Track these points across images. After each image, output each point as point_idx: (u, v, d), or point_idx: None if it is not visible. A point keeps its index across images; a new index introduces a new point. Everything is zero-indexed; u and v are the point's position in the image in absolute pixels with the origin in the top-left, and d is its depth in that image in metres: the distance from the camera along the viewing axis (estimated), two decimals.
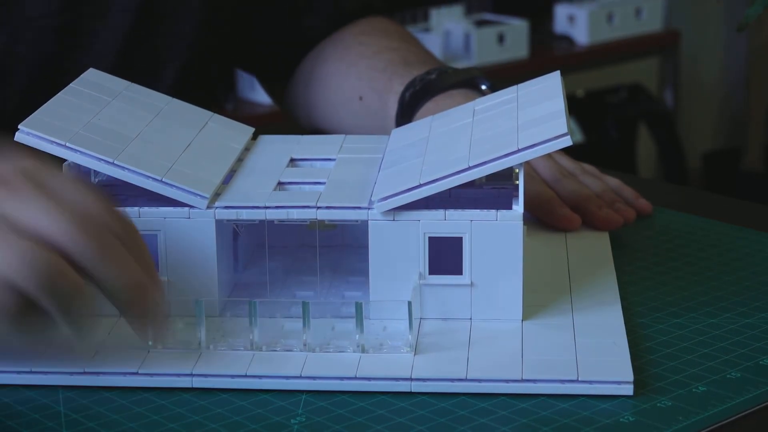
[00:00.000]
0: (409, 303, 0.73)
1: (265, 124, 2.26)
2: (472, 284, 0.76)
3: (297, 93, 1.19)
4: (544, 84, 0.84)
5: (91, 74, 0.86)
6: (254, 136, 0.89)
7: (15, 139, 0.77)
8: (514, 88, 0.85)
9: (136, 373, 0.71)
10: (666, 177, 2.91)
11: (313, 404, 0.70)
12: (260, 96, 2.40)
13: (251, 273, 0.84)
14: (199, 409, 0.69)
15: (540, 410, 0.69)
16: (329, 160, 0.85)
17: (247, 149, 0.87)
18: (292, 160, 0.85)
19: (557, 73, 0.85)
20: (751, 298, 0.83)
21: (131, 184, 0.77)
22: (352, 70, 1.12)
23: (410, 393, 0.70)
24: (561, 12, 2.84)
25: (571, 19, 2.82)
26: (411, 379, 0.71)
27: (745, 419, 0.68)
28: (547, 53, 2.75)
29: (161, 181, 0.76)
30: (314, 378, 0.71)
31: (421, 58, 1.11)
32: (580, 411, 0.68)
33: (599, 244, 0.89)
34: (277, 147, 0.88)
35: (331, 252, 0.85)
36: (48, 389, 0.72)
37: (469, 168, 0.75)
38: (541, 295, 0.79)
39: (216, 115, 0.88)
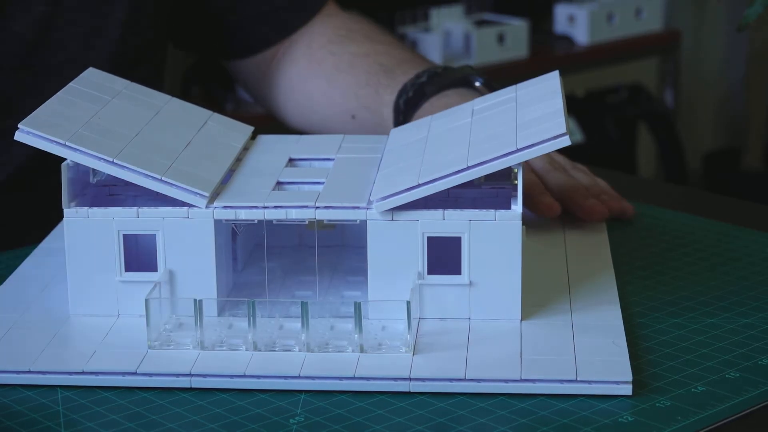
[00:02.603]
0: (408, 303, 0.73)
1: (265, 123, 2.26)
2: (470, 284, 0.76)
3: (288, 109, 1.19)
4: (543, 84, 0.84)
5: (91, 73, 0.86)
6: (253, 136, 0.89)
7: (15, 137, 0.76)
8: (513, 87, 0.86)
9: (135, 373, 0.71)
10: (666, 177, 2.91)
11: (312, 404, 0.70)
12: None
13: (250, 273, 0.84)
14: (198, 409, 0.69)
15: (539, 410, 0.69)
16: (328, 159, 0.85)
17: (246, 149, 0.87)
18: (290, 159, 0.85)
19: (556, 72, 0.85)
20: (750, 298, 0.83)
21: (130, 183, 0.77)
22: (335, 87, 1.13)
23: (409, 393, 0.70)
24: (561, 12, 2.84)
25: (571, 19, 2.82)
26: (410, 379, 0.71)
27: (744, 419, 0.68)
28: (547, 53, 2.75)
29: (160, 179, 0.76)
30: (313, 378, 0.71)
31: (396, 59, 1.10)
32: (578, 411, 0.68)
33: (598, 244, 0.89)
34: (275, 147, 0.88)
35: (330, 252, 0.85)
36: (46, 389, 0.72)
37: (468, 168, 0.75)
38: (539, 295, 0.79)
39: (215, 114, 0.88)
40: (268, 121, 2.05)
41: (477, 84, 1.03)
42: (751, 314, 0.80)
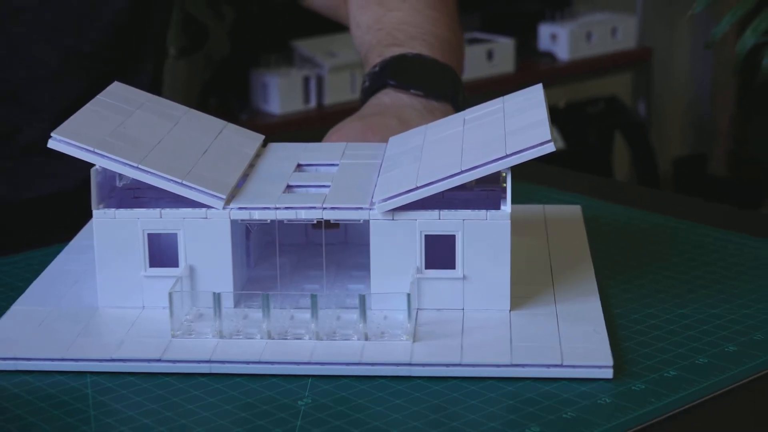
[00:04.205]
0: (409, 295, 0.72)
1: (277, 132, 2.26)
2: (464, 278, 0.76)
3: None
4: (528, 96, 0.84)
5: (116, 87, 0.86)
6: (264, 143, 0.89)
7: (48, 145, 0.76)
8: (500, 99, 0.85)
9: (160, 360, 0.71)
10: (639, 180, 2.91)
11: (319, 387, 0.70)
12: (272, 106, 2.40)
13: (262, 268, 0.84)
14: (215, 392, 0.70)
15: (525, 392, 0.68)
16: (333, 165, 0.85)
17: (258, 155, 0.87)
18: (298, 165, 0.85)
19: (540, 86, 0.84)
20: (717, 290, 0.83)
21: (153, 186, 0.77)
22: (363, 35, 1.16)
23: (408, 377, 0.70)
24: (544, 31, 2.84)
25: (553, 37, 2.82)
26: (411, 365, 0.70)
27: (712, 401, 0.68)
28: (531, 68, 2.75)
29: (181, 183, 0.76)
30: (322, 364, 0.71)
31: (390, 41, 1.11)
32: (561, 393, 0.68)
33: (578, 242, 0.89)
34: (285, 153, 0.88)
35: (335, 249, 0.85)
36: (76, 374, 0.72)
37: (462, 172, 0.75)
38: (525, 288, 0.79)
39: (230, 124, 0.88)
40: (281, 130, 2.05)
41: (391, 83, 1.05)
42: (718, 305, 0.80)
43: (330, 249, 0.84)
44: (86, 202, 0.78)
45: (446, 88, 1.06)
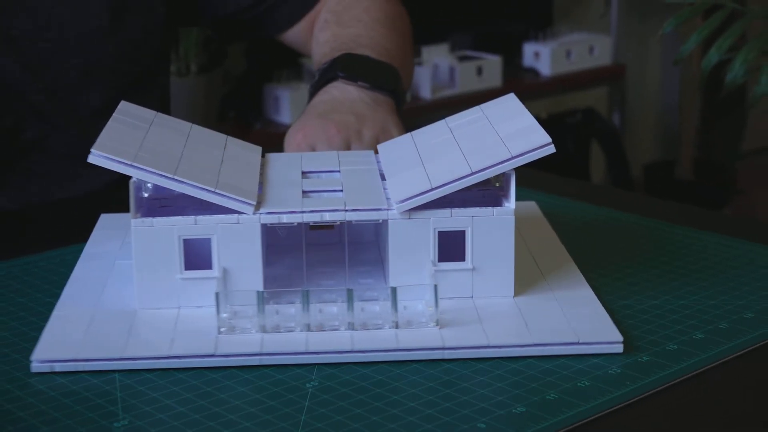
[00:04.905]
0: (435, 286, 0.75)
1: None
2: (473, 269, 0.79)
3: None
4: (505, 104, 0.86)
5: (125, 106, 0.86)
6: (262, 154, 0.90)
7: (88, 160, 0.76)
8: (477, 108, 0.88)
9: (213, 356, 0.73)
10: (613, 183, 2.92)
11: (325, 371, 0.72)
12: (284, 117, 2.41)
13: (274, 269, 0.84)
14: (230, 375, 0.71)
15: (512, 376, 0.71)
16: (334, 171, 0.87)
17: (262, 165, 0.88)
18: (304, 173, 0.86)
19: (512, 94, 0.86)
20: (685, 283, 0.85)
21: (178, 195, 0.79)
22: (320, 48, 1.22)
23: (406, 362, 0.73)
24: (528, 49, 2.87)
25: (536, 54, 2.85)
26: (444, 348, 0.73)
27: (682, 384, 0.71)
28: (517, 83, 2.78)
29: (214, 191, 0.77)
30: (364, 351, 0.73)
31: (342, 48, 1.17)
32: (545, 377, 0.71)
33: (547, 235, 0.91)
34: (286, 162, 0.89)
35: (334, 248, 0.87)
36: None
37: (473, 173, 0.78)
38: (520, 277, 0.81)
39: (230, 137, 0.89)
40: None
41: (341, 75, 1.10)
42: (686, 297, 0.82)
43: (329, 248, 0.85)
44: (111, 202, 0.76)
45: (390, 83, 1.13)
